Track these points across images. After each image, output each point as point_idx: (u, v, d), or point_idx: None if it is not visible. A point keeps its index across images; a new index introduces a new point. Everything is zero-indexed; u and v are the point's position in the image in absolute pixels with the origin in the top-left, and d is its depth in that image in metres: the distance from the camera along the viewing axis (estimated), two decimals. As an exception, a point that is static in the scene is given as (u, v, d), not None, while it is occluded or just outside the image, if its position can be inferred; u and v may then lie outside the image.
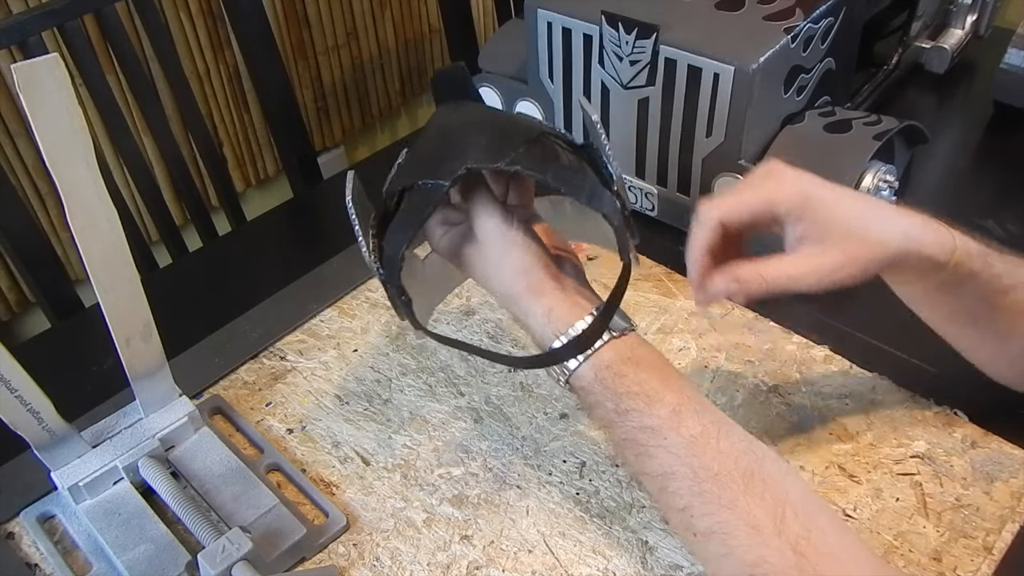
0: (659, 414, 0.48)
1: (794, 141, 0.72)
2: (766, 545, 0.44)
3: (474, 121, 0.55)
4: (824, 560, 0.43)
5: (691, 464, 0.47)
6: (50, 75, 0.44)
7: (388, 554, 0.55)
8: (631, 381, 0.49)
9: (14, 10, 1.19)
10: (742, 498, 0.45)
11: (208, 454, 0.60)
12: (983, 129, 0.93)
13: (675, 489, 0.47)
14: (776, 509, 0.45)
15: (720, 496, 0.46)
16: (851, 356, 0.66)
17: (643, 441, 0.48)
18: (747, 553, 0.44)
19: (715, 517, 0.46)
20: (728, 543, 0.45)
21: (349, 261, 0.77)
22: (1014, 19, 0.96)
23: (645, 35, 0.70)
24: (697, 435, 0.47)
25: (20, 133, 1.25)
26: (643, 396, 0.48)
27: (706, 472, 0.46)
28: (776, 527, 0.44)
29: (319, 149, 1.72)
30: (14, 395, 0.51)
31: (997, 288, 0.53)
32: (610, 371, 0.49)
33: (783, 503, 0.45)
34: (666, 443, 0.47)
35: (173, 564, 0.54)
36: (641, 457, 0.48)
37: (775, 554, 0.43)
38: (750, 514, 0.45)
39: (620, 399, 0.49)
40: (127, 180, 1.09)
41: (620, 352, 0.50)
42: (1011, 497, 0.56)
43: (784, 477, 0.47)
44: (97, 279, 0.52)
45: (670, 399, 0.48)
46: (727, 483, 0.46)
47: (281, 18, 1.53)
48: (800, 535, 0.44)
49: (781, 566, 0.43)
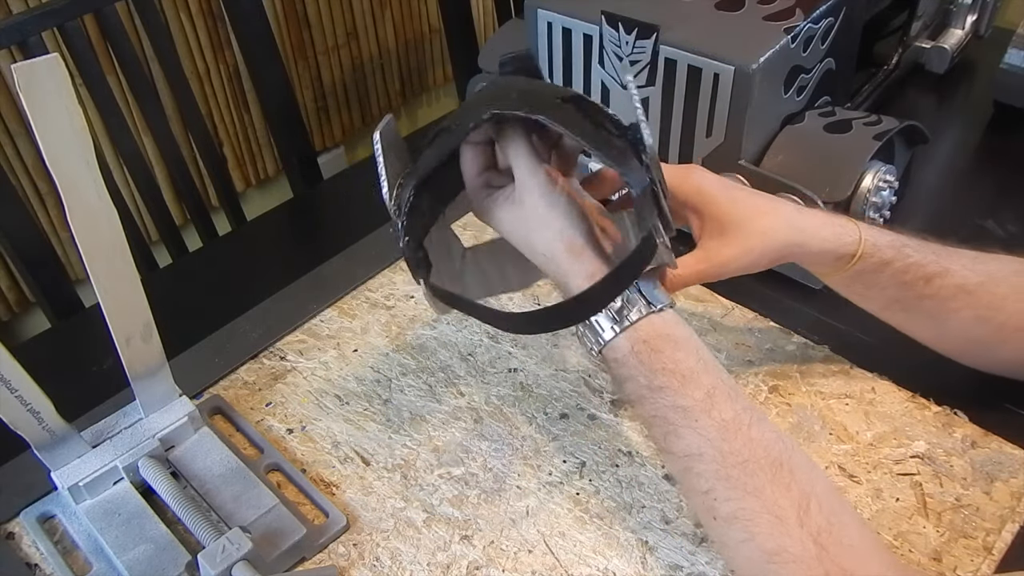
0: (693, 395, 0.48)
1: (794, 141, 0.72)
2: (788, 535, 0.44)
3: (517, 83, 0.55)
4: (844, 553, 0.43)
5: (720, 448, 0.47)
6: (50, 75, 0.44)
7: (388, 554, 0.55)
8: (667, 358, 0.49)
9: (14, 10, 1.19)
10: (768, 487, 0.45)
11: (208, 454, 0.60)
12: (983, 129, 0.93)
13: (700, 471, 0.47)
14: (801, 501, 0.45)
15: (746, 483, 0.46)
16: (851, 356, 0.66)
17: (673, 420, 0.48)
18: (768, 541, 0.44)
19: (739, 503, 0.46)
20: (750, 529, 0.45)
21: (349, 261, 0.77)
22: (1014, 19, 0.96)
23: (645, 35, 0.70)
24: (729, 420, 0.47)
25: (20, 133, 1.25)
26: (678, 375, 0.48)
27: (735, 458, 0.46)
28: (799, 518, 0.44)
29: (319, 149, 1.72)
30: (14, 395, 0.51)
31: (919, 275, 0.57)
32: (647, 346, 0.49)
33: (808, 496, 0.45)
34: (697, 425, 0.47)
35: (173, 564, 0.54)
36: (669, 436, 0.48)
37: (796, 544, 0.44)
38: (775, 503, 0.45)
39: (654, 375, 0.48)
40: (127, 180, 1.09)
41: (658, 328, 0.49)
42: (1011, 497, 0.56)
43: (811, 471, 0.47)
44: (97, 279, 0.52)
45: (705, 381, 0.48)
46: (755, 471, 0.46)
47: (281, 18, 1.53)
48: (822, 528, 0.44)
49: (801, 556, 0.43)
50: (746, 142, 0.70)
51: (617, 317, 0.49)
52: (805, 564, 0.43)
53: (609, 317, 0.50)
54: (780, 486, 0.45)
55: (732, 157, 0.71)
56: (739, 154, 0.71)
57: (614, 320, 0.49)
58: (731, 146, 0.71)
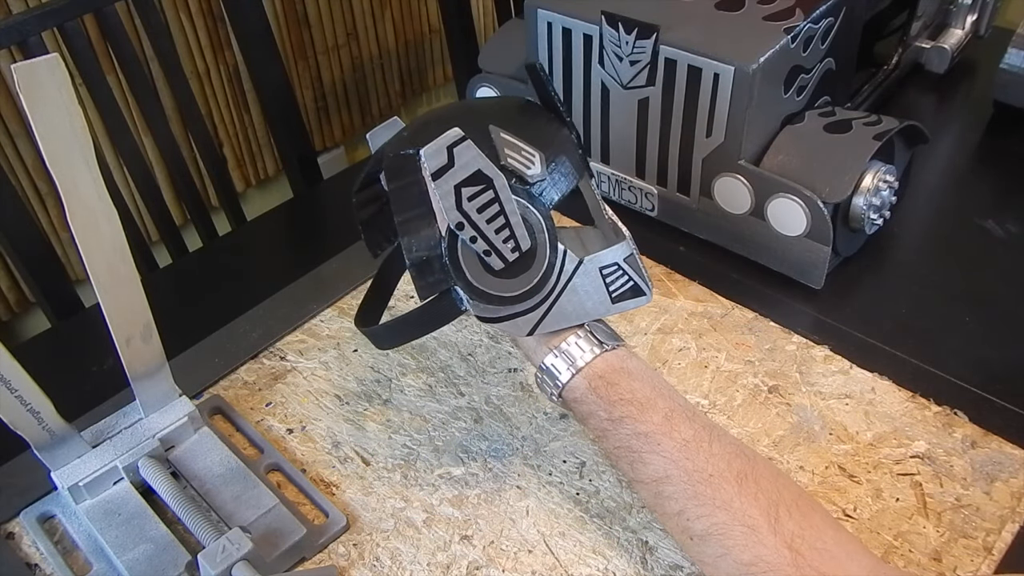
0: (652, 420, 0.49)
1: (794, 141, 0.72)
2: (762, 544, 0.44)
3: (461, 112, 0.56)
4: (820, 557, 0.43)
5: (685, 467, 0.47)
6: (50, 75, 0.44)
7: (388, 554, 0.55)
8: (623, 389, 0.50)
9: (14, 10, 1.19)
10: (736, 499, 0.46)
11: (208, 454, 0.60)
12: (983, 129, 0.93)
13: (670, 493, 0.48)
14: (770, 509, 0.45)
15: (714, 498, 0.46)
16: (851, 356, 0.66)
17: (637, 448, 0.49)
18: (743, 553, 0.45)
19: (711, 519, 0.46)
20: (725, 543, 0.45)
21: (349, 261, 0.77)
22: (1014, 19, 0.96)
23: (645, 35, 0.70)
24: (690, 439, 0.48)
25: (20, 133, 1.25)
26: (635, 403, 0.49)
27: (700, 475, 0.47)
28: (771, 526, 0.44)
29: (319, 149, 1.72)
30: (14, 395, 0.51)
31: None
32: (603, 381, 0.50)
33: (776, 503, 0.45)
34: (660, 448, 0.48)
35: (173, 564, 0.54)
36: (635, 464, 0.49)
37: (771, 552, 0.44)
38: (745, 514, 0.45)
39: (613, 407, 0.50)
40: (127, 180, 1.09)
41: (612, 363, 0.51)
42: (1011, 497, 0.56)
43: (776, 478, 0.48)
44: (97, 279, 0.52)
45: (662, 405, 0.49)
46: (721, 484, 0.46)
47: (281, 18, 1.53)
48: (795, 533, 0.44)
49: (777, 564, 0.43)
50: (746, 142, 0.70)
51: (570, 359, 0.51)
52: (782, 571, 0.43)
53: (565, 361, 0.51)
54: (748, 496, 0.46)
55: (732, 157, 0.71)
56: (739, 154, 0.71)
57: (568, 363, 0.51)
58: (731, 146, 0.71)
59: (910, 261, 0.76)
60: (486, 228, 0.47)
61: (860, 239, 0.75)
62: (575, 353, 0.51)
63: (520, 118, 0.54)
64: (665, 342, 0.68)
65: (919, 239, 0.79)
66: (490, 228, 0.47)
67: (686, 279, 0.74)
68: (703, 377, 0.65)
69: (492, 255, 0.48)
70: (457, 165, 0.45)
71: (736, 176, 0.72)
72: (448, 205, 0.46)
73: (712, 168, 0.73)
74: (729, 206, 0.74)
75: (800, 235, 0.70)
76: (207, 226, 1.05)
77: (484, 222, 0.47)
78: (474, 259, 0.49)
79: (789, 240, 0.71)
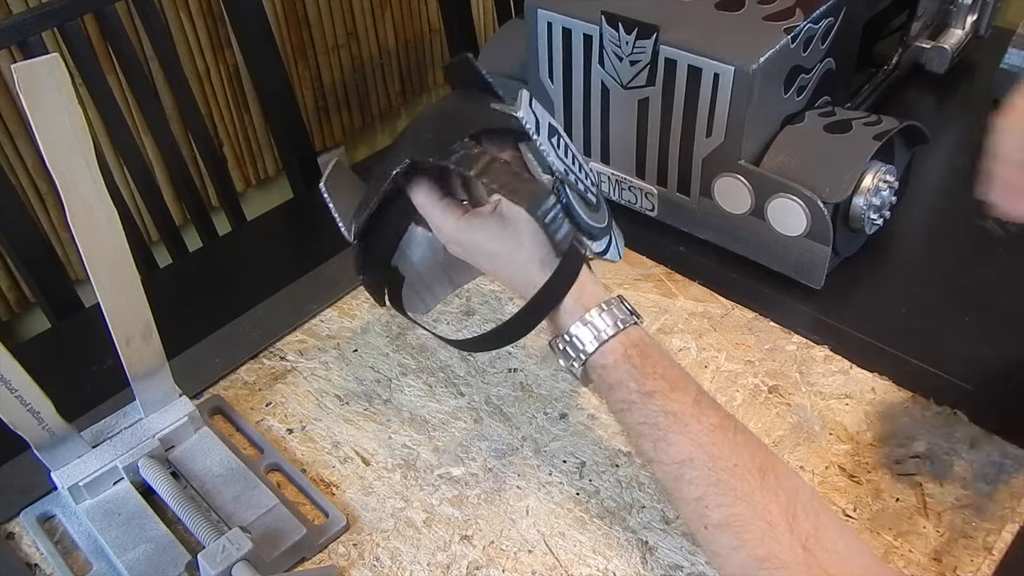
0: (682, 400, 0.48)
1: (794, 141, 0.72)
2: (778, 541, 0.44)
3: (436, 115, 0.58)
4: (830, 558, 0.44)
5: (711, 453, 0.47)
6: (50, 75, 0.44)
7: (388, 554, 0.55)
8: (656, 363, 0.49)
9: (14, 10, 1.19)
10: (758, 492, 0.45)
11: (208, 454, 0.60)
12: (983, 129, 0.93)
13: (692, 478, 0.47)
14: (789, 507, 0.45)
15: (736, 488, 0.46)
16: (851, 356, 0.66)
17: (664, 426, 0.48)
18: (759, 548, 0.44)
19: (730, 509, 0.46)
20: (741, 536, 0.45)
21: (349, 261, 0.77)
22: (1014, 19, 0.96)
23: (645, 35, 0.70)
24: (716, 425, 0.48)
25: (20, 133, 1.25)
26: (668, 379, 0.49)
27: (724, 462, 0.46)
28: (788, 524, 0.44)
29: (319, 149, 1.72)
30: (14, 395, 0.51)
31: None
32: (637, 349, 0.50)
33: (795, 502, 0.45)
34: (687, 430, 0.47)
35: (173, 564, 0.54)
36: (659, 443, 0.48)
37: (786, 550, 0.44)
38: (766, 509, 0.45)
39: (646, 379, 0.49)
40: (127, 180, 1.09)
41: (643, 336, 0.51)
42: (1011, 497, 0.56)
43: (794, 477, 0.48)
44: (97, 279, 0.52)
45: (692, 388, 0.49)
46: (744, 476, 0.46)
47: (281, 18, 1.52)
48: (809, 533, 0.44)
49: (790, 562, 0.43)
50: (746, 142, 0.70)
51: (604, 325, 0.50)
52: (794, 570, 0.43)
53: (591, 329, 0.50)
54: (769, 491, 0.46)
55: (732, 157, 0.71)
56: (739, 154, 0.71)
57: (598, 330, 0.50)
58: (731, 146, 0.71)
59: (910, 261, 0.76)
60: (575, 169, 0.51)
61: (860, 239, 0.75)
62: (608, 319, 0.50)
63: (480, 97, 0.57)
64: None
65: (919, 239, 0.79)
66: (575, 168, 0.51)
67: (686, 279, 0.74)
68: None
69: (587, 192, 0.52)
70: (540, 121, 0.48)
71: (736, 176, 0.72)
72: (554, 157, 0.49)
73: (712, 168, 0.73)
74: (729, 206, 0.74)
75: (800, 235, 0.70)
76: (207, 226, 1.05)
77: (571, 164, 0.51)
78: (579, 200, 0.51)
79: (789, 240, 0.71)
